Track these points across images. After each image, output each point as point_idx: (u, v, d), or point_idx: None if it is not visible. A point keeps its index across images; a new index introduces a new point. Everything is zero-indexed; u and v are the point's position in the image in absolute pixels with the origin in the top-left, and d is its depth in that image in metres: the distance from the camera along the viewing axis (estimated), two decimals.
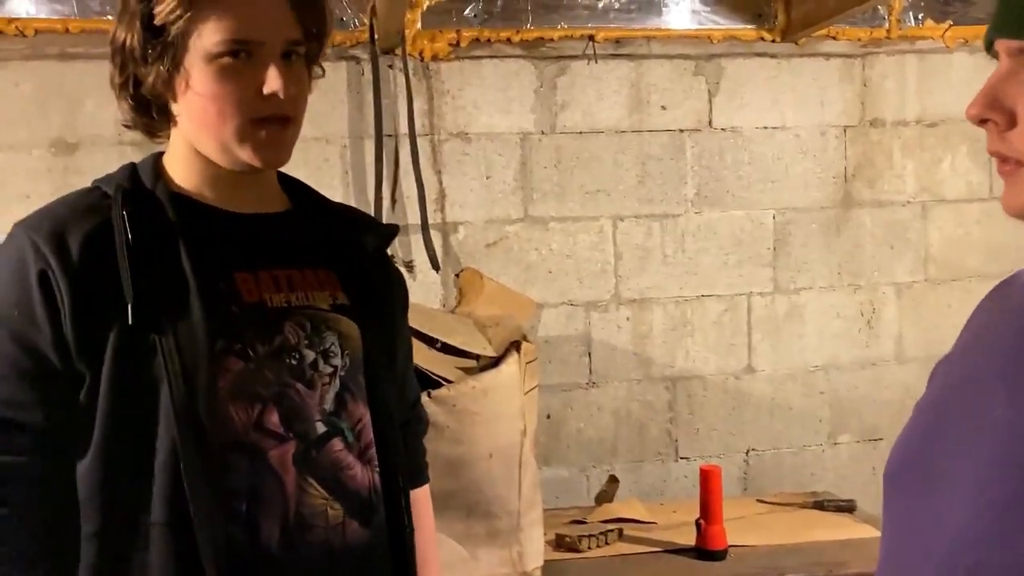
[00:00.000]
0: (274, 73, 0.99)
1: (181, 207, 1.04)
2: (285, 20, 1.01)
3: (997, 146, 0.69)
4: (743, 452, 2.60)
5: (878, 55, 2.58)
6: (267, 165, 1.05)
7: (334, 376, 1.07)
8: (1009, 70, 0.67)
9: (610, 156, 2.47)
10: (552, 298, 2.47)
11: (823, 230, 2.59)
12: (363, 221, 1.24)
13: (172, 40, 0.98)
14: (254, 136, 1.01)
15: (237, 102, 0.99)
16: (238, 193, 1.07)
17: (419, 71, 2.37)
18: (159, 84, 1.00)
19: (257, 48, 0.99)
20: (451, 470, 1.73)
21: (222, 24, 0.97)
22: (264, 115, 1.00)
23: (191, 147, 1.05)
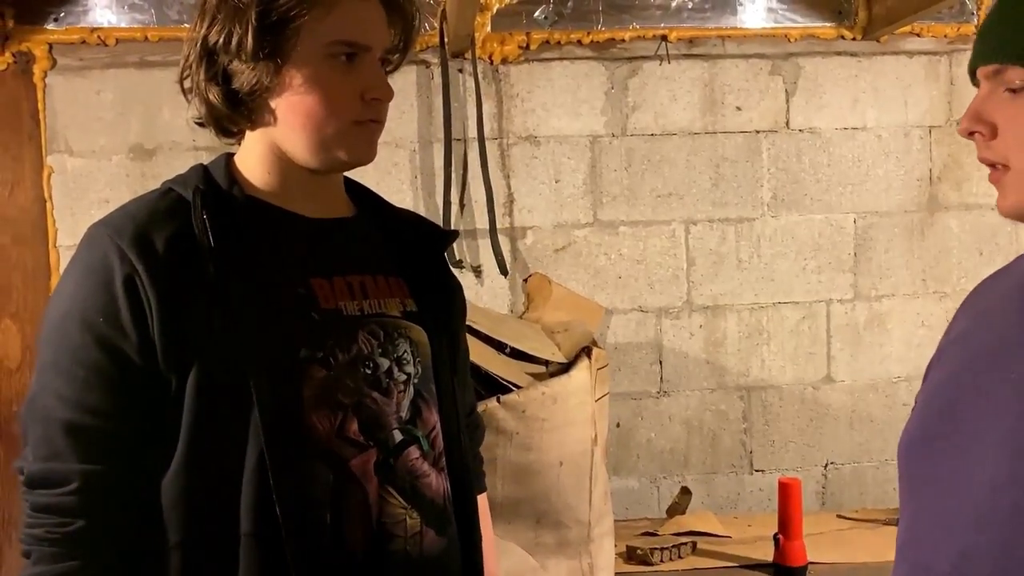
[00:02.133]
0: (381, 79, 1.02)
1: (258, 210, 1.04)
2: (385, 29, 1.04)
3: (984, 154, 0.82)
4: (821, 465, 2.50)
5: (966, 52, 2.45)
6: (361, 162, 1.06)
7: (408, 384, 1.06)
8: (988, 90, 0.81)
9: (683, 158, 2.41)
10: (622, 304, 2.42)
11: (907, 235, 2.48)
12: (425, 226, 1.24)
13: (288, 36, 0.98)
14: (353, 136, 1.02)
15: (344, 102, 1.00)
16: (312, 197, 1.07)
17: (488, 74, 2.36)
18: (265, 79, 1.00)
19: (363, 52, 1.01)
20: (520, 477, 1.70)
21: (338, 25, 0.99)
22: (366, 118, 1.02)
23: (272, 148, 1.04)
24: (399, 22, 1.06)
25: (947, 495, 0.79)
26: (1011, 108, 0.79)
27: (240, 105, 1.02)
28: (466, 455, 1.14)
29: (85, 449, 0.95)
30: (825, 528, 2.18)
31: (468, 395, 1.28)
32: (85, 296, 0.96)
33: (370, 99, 1.01)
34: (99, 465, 0.95)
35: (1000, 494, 0.74)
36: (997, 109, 0.80)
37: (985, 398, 0.79)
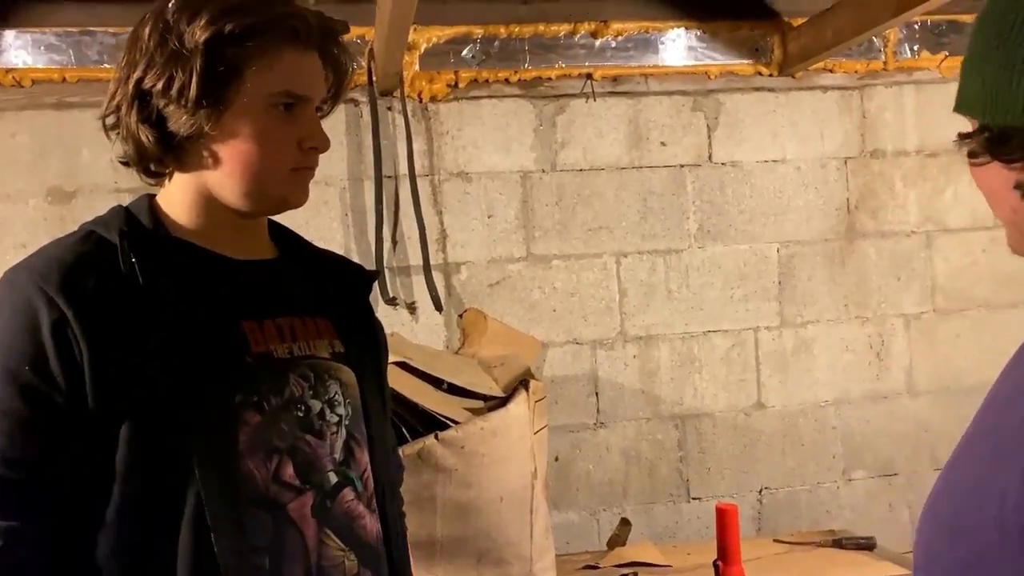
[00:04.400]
0: (319, 128, 1.04)
1: (184, 251, 1.02)
2: (322, 79, 1.05)
3: None
4: (756, 491, 2.54)
5: (876, 87, 2.58)
6: (294, 207, 1.07)
7: (340, 425, 1.06)
8: None
9: (612, 192, 2.46)
10: (557, 337, 2.43)
11: (828, 262, 2.57)
12: (348, 267, 1.24)
13: (233, 84, 0.99)
14: (289, 183, 1.03)
15: (283, 150, 1.01)
16: (238, 239, 1.06)
17: (418, 112, 2.37)
18: (204, 124, 0.99)
19: (303, 103, 1.02)
20: (461, 515, 1.68)
21: (281, 76, 1.00)
22: (303, 166, 1.04)
23: (201, 190, 1.03)
24: (333, 72, 1.07)
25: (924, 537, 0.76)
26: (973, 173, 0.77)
27: (173, 148, 1.01)
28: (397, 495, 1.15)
29: (4, 505, 0.90)
30: (763, 553, 2.21)
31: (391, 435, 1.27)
32: (8, 344, 0.92)
33: (307, 148, 1.02)
34: (25, 521, 0.91)
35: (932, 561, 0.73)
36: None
37: None
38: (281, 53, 1.00)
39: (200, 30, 0.96)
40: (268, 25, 0.99)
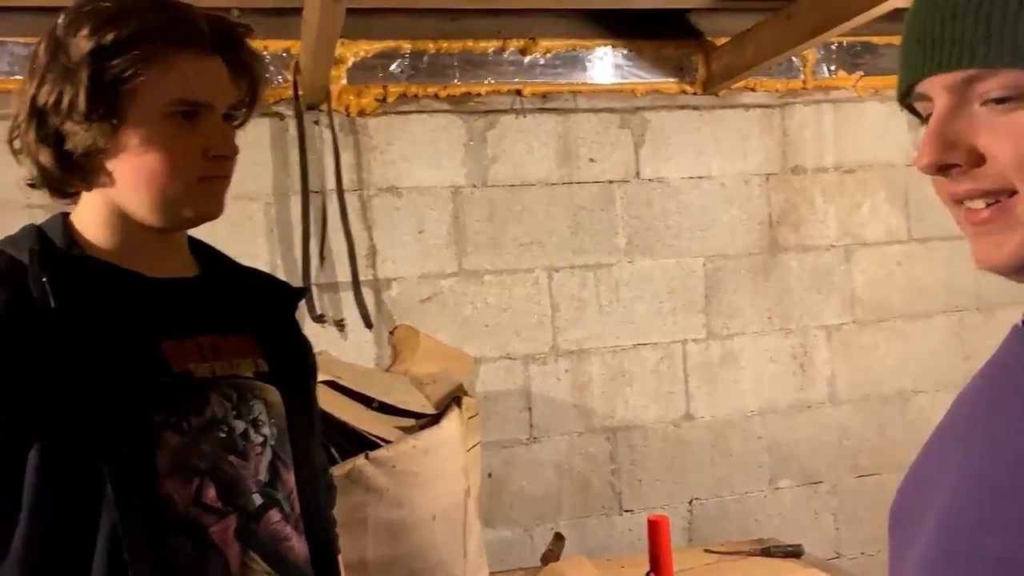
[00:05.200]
0: (224, 136, 1.01)
1: (100, 271, 0.99)
2: (228, 86, 1.03)
3: (970, 185, 0.62)
4: (686, 501, 2.57)
5: (795, 105, 2.67)
6: (208, 219, 1.04)
7: (265, 446, 1.04)
8: (951, 106, 0.62)
9: (542, 208, 2.47)
10: (490, 352, 2.42)
11: (752, 276, 2.63)
12: (273, 284, 1.22)
13: (124, 96, 0.95)
14: (198, 193, 1.00)
15: (187, 161, 0.98)
16: (155, 256, 1.03)
17: (346, 126, 2.34)
18: (100, 141, 0.96)
19: (205, 110, 1.00)
20: (393, 536, 1.65)
21: (176, 84, 0.97)
22: (210, 175, 1.01)
23: (112, 208, 1.00)
24: (244, 77, 1.05)
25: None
26: (1000, 123, 0.59)
27: (74, 167, 0.98)
28: (324, 517, 1.13)
29: None
30: (694, 563, 2.23)
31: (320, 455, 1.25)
32: None
33: (213, 156, 1.00)
34: None
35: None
36: (975, 129, 0.61)
37: (930, 489, 0.69)
38: (174, 60, 0.97)
39: (84, 41, 0.94)
40: (154, 32, 0.96)
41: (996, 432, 0.62)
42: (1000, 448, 0.61)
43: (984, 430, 0.64)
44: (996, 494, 0.59)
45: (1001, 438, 0.61)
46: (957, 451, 0.67)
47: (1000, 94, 0.59)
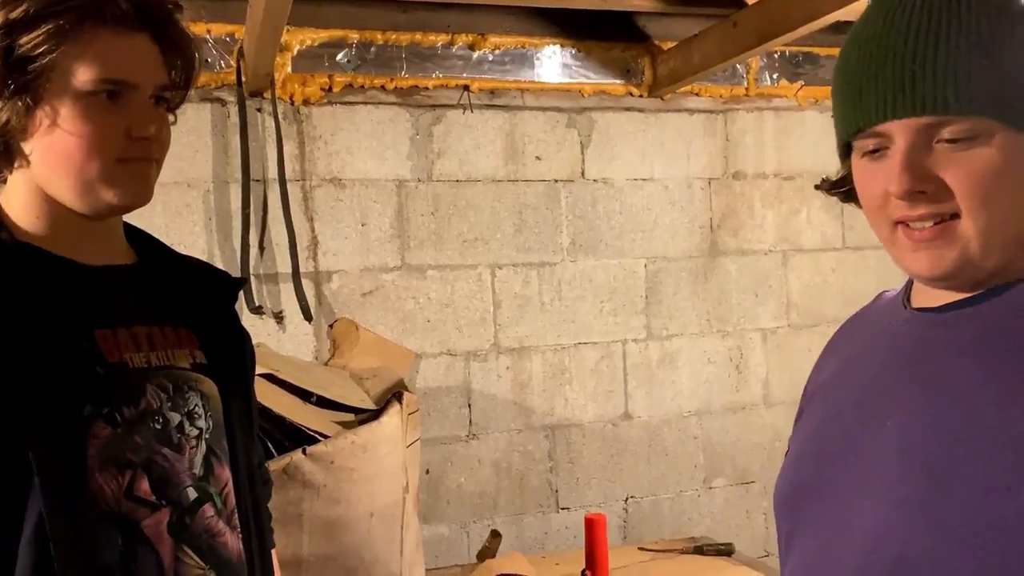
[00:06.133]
0: (147, 116, 0.97)
1: (29, 257, 0.96)
2: (156, 65, 0.99)
3: (924, 211, 0.74)
4: (622, 500, 2.60)
5: (738, 111, 2.72)
6: (134, 204, 0.99)
7: (200, 439, 1.02)
8: (915, 144, 0.73)
9: (487, 205, 2.47)
10: (431, 348, 2.41)
11: (692, 278, 2.67)
12: (212, 274, 1.19)
13: (37, 74, 0.92)
14: (120, 176, 0.96)
15: (106, 142, 0.94)
16: (88, 243, 1.00)
17: (289, 115, 2.29)
18: (14, 120, 0.92)
19: (129, 90, 0.96)
20: (329, 532, 1.62)
21: (97, 62, 0.93)
22: (132, 156, 0.97)
23: (39, 191, 0.97)
24: (176, 57, 1.01)
25: (827, 547, 0.79)
26: (958, 159, 0.72)
27: None
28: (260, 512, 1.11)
29: None
30: (628, 561, 2.25)
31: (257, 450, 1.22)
32: None
33: (137, 137, 0.96)
34: None
35: (882, 546, 0.73)
36: (939, 164, 0.73)
37: (859, 449, 0.78)
38: (92, 37, 0.93)
39: None
40: (69, 6, 0.92)
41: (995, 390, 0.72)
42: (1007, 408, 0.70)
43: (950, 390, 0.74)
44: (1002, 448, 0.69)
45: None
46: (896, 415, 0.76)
47: (955, 136, 0.72)
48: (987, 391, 0.72)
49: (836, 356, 0.93)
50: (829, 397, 0.88)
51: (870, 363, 0.84)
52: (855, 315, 0.97)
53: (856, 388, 0.84)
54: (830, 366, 0.93)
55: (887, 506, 0.73)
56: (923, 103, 0.72)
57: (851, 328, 0.95)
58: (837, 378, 0.89)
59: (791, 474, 0.88)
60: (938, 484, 0.71)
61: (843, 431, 0.82)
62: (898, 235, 0.77)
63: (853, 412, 0.82)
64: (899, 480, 0.73)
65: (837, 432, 0.83)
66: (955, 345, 0.77)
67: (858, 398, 0.83)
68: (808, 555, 0.82)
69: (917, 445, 0.74)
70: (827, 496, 0.81)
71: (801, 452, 0.88)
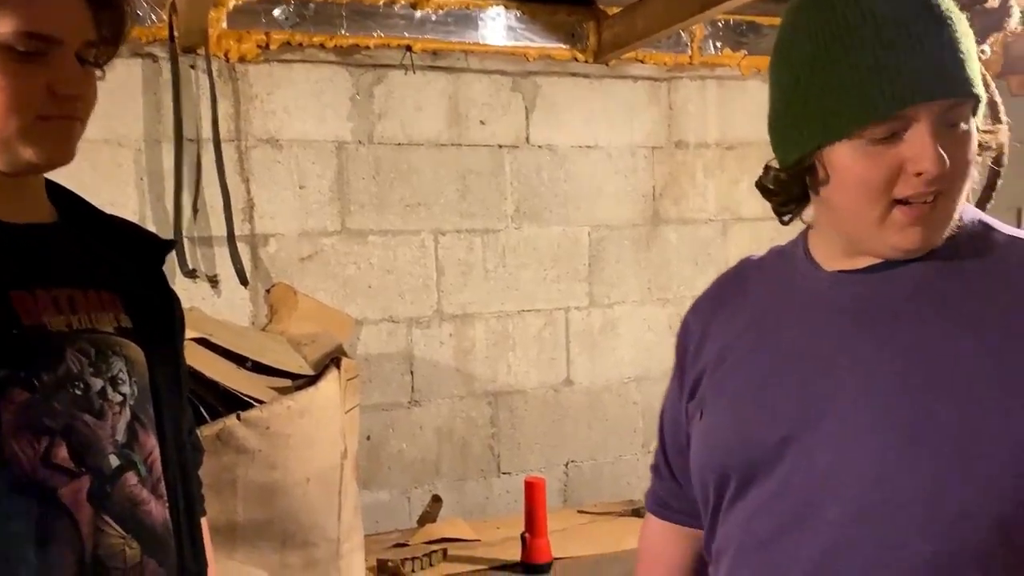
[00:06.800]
0: (72, 73, 0.93)
1: None
2: (83, 21, 0.94)
3: (936, 188, 0.79)
4: (563, 464, 2.63)
5: (681, 79, 2.72)
6: (54, 163, 0.95)
7: (124, 405, 0.98)
8: (937, 127, 0.78)
9: (430, 169, 2.43)
10: (372, 314, 2.38)
11: (634, 246, 2.69)
12: (139, 235, 1.15)
13: None
14: (39, 133, 0.92)
15: (27, 98, 0.90)
16: (4, 200, 0.95)
17: (224, 72, 2.22)
18: None
19: (53, 46, 0.91)
20: (264, 498, 1.60)
21: (18, 14, 0.88)
22: (53, 114, 0.92)
23: None
24: (105, 13, 0.97)
25: (821, 490, 0.81)
26: (960, 142, 0.79)
27: None
28: (188, 480, 1.08)
29: None
30: (568, 524, 2.28)
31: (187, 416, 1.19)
32: None
33: (61, 95, 0.92)
34: None
35: (883, 484, 0.78)
36: (948, 145, 0.79)
37: (824, 403, 0.83)
38: None
39: None
40: None
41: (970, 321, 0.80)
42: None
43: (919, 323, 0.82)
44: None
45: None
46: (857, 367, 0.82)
47: (961, 119, 0.78)
48: (937, 329, 0.80)
49: (740, 314, 0.96)
50: (756, 356, 0.91)
51: (798, 322, 0.89)
52: (728, 279, 1.02)
53: (795, 347, 0.88)
54: (731, 328, 0.95)
55: (875, 449, 0.79)
56: (953, 86, 0.78)
57: (732, 292, 0.99)
58: (758, 339, 0.92)
59: (740, 429, 0.89)
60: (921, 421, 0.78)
61: (798, 386, 0.85)
62: (894, 213, 0.81)
63: (803, 368, 0.86)
64: (880, 425, 0.79)
65: (791, 388, 0.86)
66: (898, 297, 0.84)
67: (800, 354, 0.87)
68: (783, 504, 0.84)
69: (887, 392, 0.80)
70: (796, 448, 0.84)
71: (743, 409, 0.90)
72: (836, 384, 0.83)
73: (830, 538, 0.81)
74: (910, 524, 0.78)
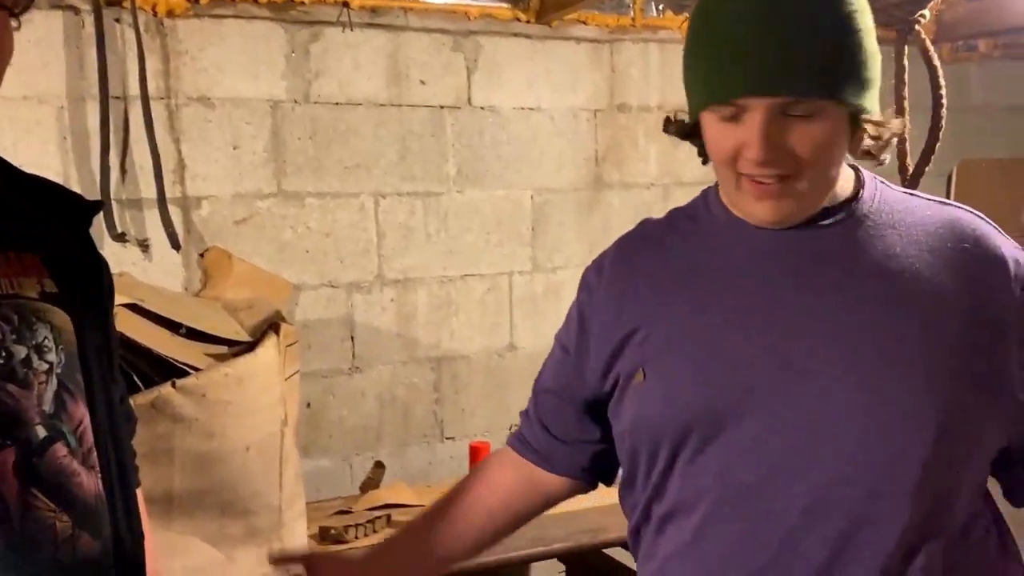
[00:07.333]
0: None
1: None
2: None
3: (770, 170, 0.87)
4: (507, 428, 2.62)
5: (624, 42, 2.70)
6: None
7: (50, 374, 0.94)
8: (770, 117, 0.85)
9: (369, 130, 2.37)
10: (311, 279, 2.33)
11: (577, 210, 2.68)
12: (64, 197, 1.09)
13: None
14: None
15: None
16: None
17: (152, 27, 2.12)
18: None
19: None
20: (202, 467, 1.56)
21: None
22: None
23: None
24: None
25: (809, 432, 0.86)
26: (801, 131, 0.85)
27: None
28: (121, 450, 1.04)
29: None
30: None
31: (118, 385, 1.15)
32: None
33: None
34: None
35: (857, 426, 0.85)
36: (786, 135, 0.85)
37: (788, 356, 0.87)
38: None
39: None
40: None
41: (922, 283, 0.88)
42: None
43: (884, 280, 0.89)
44: None
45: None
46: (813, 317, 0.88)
47: (802, 112, 0.85)
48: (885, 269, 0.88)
49: (655, 282, 0.99)
50: (704, 315, 0.93)
51: (743, 277, 0.92)
52: (634, 241, 1.07)
53: (747, 301, 0.91)
54: (659, 290, 0.98)
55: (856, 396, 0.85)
56: (774, 84, 0.83)
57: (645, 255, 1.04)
58: (702, 299, 0.94)
59: (703, 384, 0.91)
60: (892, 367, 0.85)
61: (759, 336, 0.89)
62: (744, 185, 0.89)
63: (759, 320, 0.90)
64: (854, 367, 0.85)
65: (753, 339, 0.89)
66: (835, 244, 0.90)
67: (753, 308, 0.90)
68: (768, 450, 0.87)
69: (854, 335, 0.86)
70: (770, 396, 0.87)
71: (703, 366, 0.91)
72: (799, 332, 0.88)
73: (824, 476, 0.85)
74: (902, 454, 0.84)
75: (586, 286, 1.09)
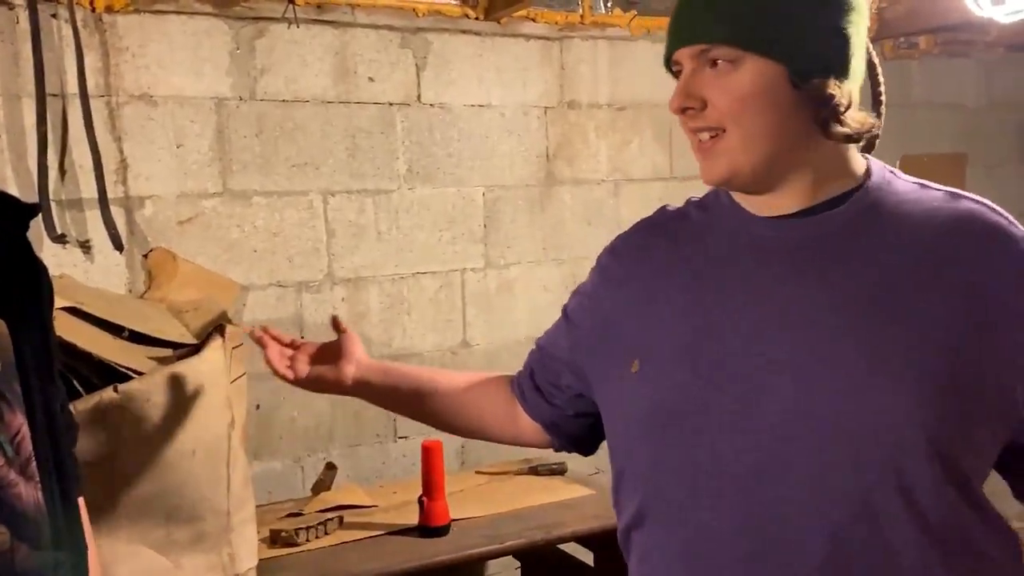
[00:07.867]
0: None
1: None
2: None
3: (696, 123, 0.92)
4: None
5: (573, 39, 2.71)
6: None
7: None
8: (693, 69, 0.91)
9: (317, 127, 2.35)
10: (259, 279, 2.29)
11: (529, 207, 2.68)
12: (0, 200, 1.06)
13: None
14: None
15: None
16: None
17: (90, 23, 2.07)
18: None
19: None
20: (146, 473, 1.53)
21: None
22: None
23: None
24: None
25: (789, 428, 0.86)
26: (718, 81, 0.89)
27: None
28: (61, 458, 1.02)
29: None
30: (465, 485, 2.29)
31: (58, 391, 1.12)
32: None
33: None
34: None
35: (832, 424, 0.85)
36: (705, 85, 0.89)
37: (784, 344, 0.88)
38: None
39: None
40: None
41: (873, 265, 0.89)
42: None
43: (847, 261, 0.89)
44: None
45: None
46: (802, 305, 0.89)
47: (719, 59, 0.88)
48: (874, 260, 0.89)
49: (662, 266, 1.00)
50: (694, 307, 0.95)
51: (740, 268, 0.93)
52: (650, 227, 1.08)
53: (735, 292, 0.92)
54: (664, 274, 0.99)
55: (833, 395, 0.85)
56: (693, 34, 0.90)
57: (658, 240, 1.04)
58: (692, 285, 0.96)
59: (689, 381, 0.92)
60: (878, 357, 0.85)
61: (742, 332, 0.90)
62: (695, 145, 0.94)
63: (742, 315, 0.91)
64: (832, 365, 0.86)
65: (731, 337, 0.90)
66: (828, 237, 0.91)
67: (741, 300, 0.91)
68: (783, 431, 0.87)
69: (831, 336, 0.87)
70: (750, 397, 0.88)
71: (686, 359, 0.92)
72: (787, 325, 0.89)
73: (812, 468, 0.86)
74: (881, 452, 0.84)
75: (599, 265, 1.11)
